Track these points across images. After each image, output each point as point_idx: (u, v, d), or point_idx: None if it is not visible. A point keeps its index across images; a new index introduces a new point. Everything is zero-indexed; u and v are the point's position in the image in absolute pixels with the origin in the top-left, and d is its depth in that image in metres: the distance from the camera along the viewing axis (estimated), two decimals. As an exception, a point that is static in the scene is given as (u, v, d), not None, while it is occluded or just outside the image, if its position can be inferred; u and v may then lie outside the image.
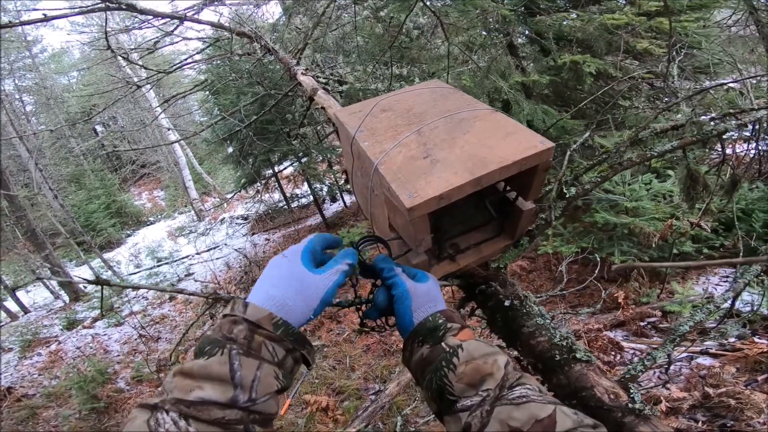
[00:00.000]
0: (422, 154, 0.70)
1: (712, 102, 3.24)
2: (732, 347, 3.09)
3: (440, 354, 0.56)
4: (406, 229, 0.71)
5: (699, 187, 1.13)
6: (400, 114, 0.83)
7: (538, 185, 0.75)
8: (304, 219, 9.85)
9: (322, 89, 1.76)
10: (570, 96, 3.77)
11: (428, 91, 0.90)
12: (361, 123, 0.82)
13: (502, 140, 0.69)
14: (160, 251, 11.05)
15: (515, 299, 0.87)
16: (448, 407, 0.54)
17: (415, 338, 0.60)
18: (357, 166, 0.88)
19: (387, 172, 0.68)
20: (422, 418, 3.29)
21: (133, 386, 4.95)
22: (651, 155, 0.91)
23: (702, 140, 0.98)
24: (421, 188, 0.63)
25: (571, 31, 3.32)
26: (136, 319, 6.85)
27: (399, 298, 0.63)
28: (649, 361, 0.90)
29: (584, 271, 4.41)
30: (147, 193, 18.67)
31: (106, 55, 5.43)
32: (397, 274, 0.65)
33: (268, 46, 2.29)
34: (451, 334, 0.58)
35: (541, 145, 0.67)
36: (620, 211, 3.88)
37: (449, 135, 0.73)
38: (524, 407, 0.48)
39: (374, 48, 3.88)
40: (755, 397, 2.37)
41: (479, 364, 0.53)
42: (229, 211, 12.94)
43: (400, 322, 0.63)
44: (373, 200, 0.82)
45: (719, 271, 4.20)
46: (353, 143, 0.82)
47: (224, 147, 7.63)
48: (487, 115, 0.77)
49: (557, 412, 0.46)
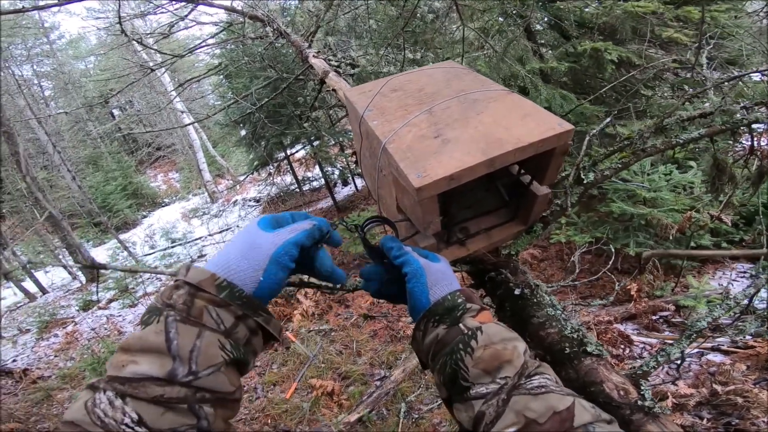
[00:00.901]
0: (433, 133, 0.67)
1: (742, 92, 3.09)
2: (744, 344, 3.03)
3: (457, 336, 0.52)
4: (414, 211, 0.68)
5: (725, 177, 1.08)
6: (411, 94, 0.80)
7: (555, 169, 0.72)
8: (315, 202, 9.88)
9: (333, 72, 1.73)
10: (589, 84, 3.64)
11: (441, 71, 0.87)
12: (371, 102, 0.79)
13: (519, 121, 0.65)
14: (174, 232, 11.23)
15: (526, 288, 0.84)
16: (459, 393, 0.51)
17: (431, 317, 0.56)
18: (365, 146, 0.86)
19: (395, 152, 0.65)
20: (426, 405, 3.31)
21: None
22: (677, 142, 0.86)
23: (731, 129, 0.93)
24: (431, 168, 0.60)
25: (593, 18, 3.18)
26: (150, 300, 6.97)
27: (413, 275, 0.58)
28: (662, 357, 0.87)
29: (597, 262, 4.34)
30: (162, 175, 18.94)
31: (121, 41, 5.43)
32: (408, 252, 0.62)
33: (280, 29, 2.25)
34: (469, 315, 0.55)
35: (559, 127, 0.63)
36: (637, 201, 3.79)
37: (462, 115, 0.70)
38: (542, 398, 0.45)
39: (387, 31, 3.78)
40: (763, 396, 2.34)
41: (498, 349, 0.50)
42: (242, 194, 13.05)
43: (414, 301, 0.58)
44: (381, 181, 0.79)
45: (736, 265, 4.09)
46: (362, 123, 0.79)
47: (237, 130, 7.64)
48: (502, 95, 0.73)
49: (576, 404, 0.44)
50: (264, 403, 3.87)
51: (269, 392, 4.05)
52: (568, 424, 0.43)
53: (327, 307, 5.22)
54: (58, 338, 6.65)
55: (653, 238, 3.80)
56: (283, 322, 5.13)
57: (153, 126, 16.30)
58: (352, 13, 3.93)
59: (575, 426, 0.42)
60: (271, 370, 4.39)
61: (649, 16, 2.90)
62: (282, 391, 3.98)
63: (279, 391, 4.01)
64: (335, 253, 6.21)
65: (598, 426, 0.43)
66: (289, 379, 4.12)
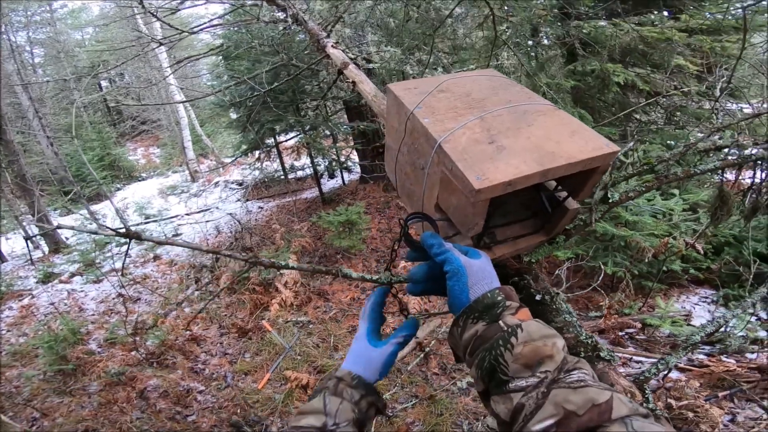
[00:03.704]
0: (487, 139, 0.70)
1: (751, 127, 3.26)
2: (699, 363, 3.22)
3: (497, 332, 0.55)
4: (462, 211, 0.71)
5: (726, 208, 1.15)
6: (458, 97, 0.83)
7: (591, 186, 0.76)
8: (301, 191, 9.77)
9: (353, 64, 1.74)
10: (589, 103, 3.77)
11: (486, 78, 0.90)
12: (422, 100, 0.81)
13: (569, 137, 0.69)
14: (149, 208, 10.88)
15: (546, 294, 0.89)
16: (498, 386, 0.53)
17: (470, 314, 0.58)
18: (406, 142, 0.88)
19: (452, 152, 0.68)
20: (401, 404, 3.34)
21: (105, 349, 4.70)
22: (694, 172, 0.93)
23: (740, 164, 1.00)
24: (489, 171, 0.63)
25: (606, 39, 3.29)
26: (116, 277, 6.54)
27: (454, 273, 0.61)
28: (662, 365, 0.94)
29: (574, 277, 4.49)
30: (143, 149, 18.33)
31: (125, 13, 5.28)
32: (449, 249, 0.64)
33: (297, 15, 2.24)
34: (509, 312, 0.57)
35: (607, 147, 0.67)
36: (619, 223, 3.95)
37: (514, 125, 0.73)
38: (582, 391, 0.48)
39: (414, 31, 3.79)
40: (713, 412, 2.47)
41: (539, 345, 0.52)
42: (225, 176, 12.79)
43: (454, 298, 0.61)
44: (423, 179, 0.82)
45: (699, 291, 4.34)
46: (410, 119, 0.81)
47: (229, 112, 7.47)
48: (550, 110, 0.77)
49: (614, 398, 0.46)
50: (233, 392, 3.77)
51: (240, 381, 3.96)
52: (606, 416, 0.45)
53: (306, 299, 5.18)
54: (13, 311, 6.21)
55: (629, 259, 3.97)
56: (259, 311, 5.05)
57: (141, 100, 15.82)
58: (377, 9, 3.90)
59: (613, 418, 0.45)
60: (243, 359, 4.28)
61: (664, 43, 3.02)
62: (254, 381, 3.89)
63: (251, 380, 3.91)
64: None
65: (635, 419, 0.44)
66: (262, 369, 4.02)
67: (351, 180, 9.53)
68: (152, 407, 3.68)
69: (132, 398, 3.80)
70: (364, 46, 4.15)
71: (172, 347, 4.53)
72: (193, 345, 4.64)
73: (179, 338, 4.68)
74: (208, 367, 4.27)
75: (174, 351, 4.49)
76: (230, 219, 8.14)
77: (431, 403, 3.30)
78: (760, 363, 2.96)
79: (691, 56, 3.43)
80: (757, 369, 2.95)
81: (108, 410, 3.67)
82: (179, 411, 3.66)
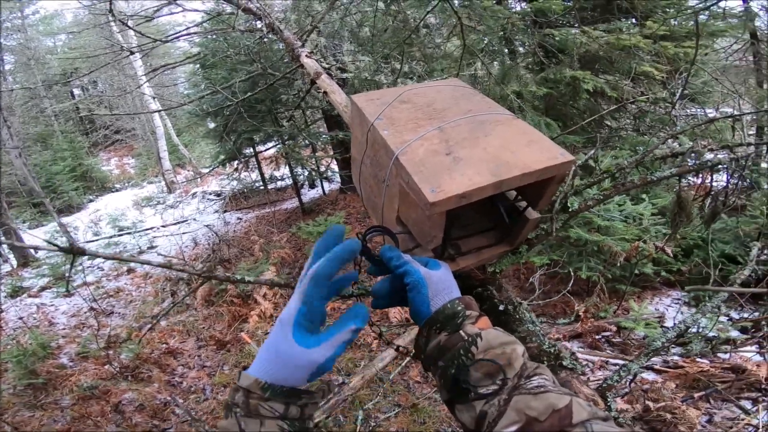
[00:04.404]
0: (445, 150, 0.70)
1: (707, 133, 3.40)
2: (674, 364, 3.29)
3: (458, 342, 0.55)
4: (420, 224, 0.71)
5: (684, 214, 1.18)
6: (420, 107, 0.83)
7: (549, 196, 0.77)
8: (281, 202, 9.68)
9: (326, 74, 1.73)
10: (561, 110, 3.87)
11: (449, 88, 0.90)
12: (382, 111, 0.80)
13: (525, 147, 0.70)
14: (123, 220, 10.57)
15: (509, 304, 0.89)
16: (462, 396, 0.53)
17: (433, 325, 0.59)
18: (368, 154, 0.87)
19: (408, 164, 0.67)
20: (383, 413, 3.32)
21: (77, 363, 4.61)
22: (651, 179, 0.95)
23: (697, 170, 1.02)
24: (445, 184, 0.63)
25: (577, 47, 3.39)
26: (88, 291, 6.39)
27: (414, 286, 0.61)
28: (624, 372, 0.95)
29: (550, 282, 4.57)
30: (117, 159, 17.86)
31: (99, 20, 5.13)
32: (408, 261, 0.64)
33: (273, 24, 2.23)
34: (469, 321, 0.58)
35: (562, 157, 0.68)
36: (592, 228, 4.04)
37: (471, 135, 0.73)
38: (542, 397, 0.48)
39: (388, 40, 3.82)
40: (690, 413, 2.52)
41: (498, 353, 0.53)
42: (203, 186, 12.56)
43: (416, 310, 0.61)
44: (383, 191, 0.81)
45: (671, 293, 4.47)
46: (370, 130, 0.80)
47: (206, 122, 7.36)
48: (508, 120, 0.77)
49: (573, 403, 0.47)
50: (213, 404, 3.72)
51: (219, 394, 3.90)
52: (567, 421, 0.45)
53: (286, 310, 5.10)
54: (-22, 327, 5.99)
55: (603, 263, 4.06)
56: (238, 323, 4.96)
57: (115, 109, 15.44)
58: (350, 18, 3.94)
59: (573, 423, 0.45)
60: (222, 372, 4.22)
61: (630, 50, 3.13)
62: None
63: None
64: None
65: (595, 423, 0.45)
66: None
67: (331, 190, 9.50)
68: (128, 421, 3.63)
69: (107, 412, 3.74)
70: (339, 55, 4.18)
71: (148, 360, 4.46)
72: (170, 358, 4.58)
73: (155, 351, 4.62)
74: (185, 379, 4.23)
75: (149, 364, 4.42)
76: (208, 231, 7.99)
77: (414, 411, 3.29)
78: (734, 363, 3.03)
79: (656, 63, 3.57)
80: (731, 369, 3.01)
81: (82, 424, 3.60)
82: (156, 424, 3.61)
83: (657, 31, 3.15)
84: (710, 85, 4.43)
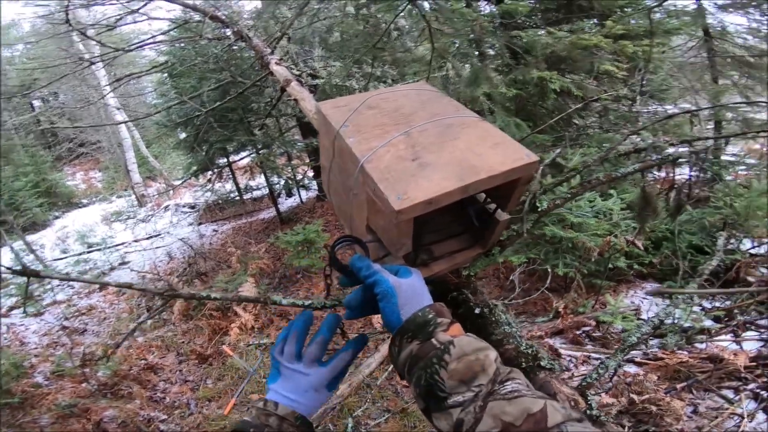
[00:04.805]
0: (411, 155, 0.69)
1: (667, 128, 3.52)
2: (654, 356, 3.36)
3: (431, 351, 0.55)
4: (388, 232, 0.69)
5: (650, 208, 1.20)
6: (387, 113, 0.82)
7: (517, 197, 0.77)
8: (257, 212, 9.51)
9: (296, 81, 1.71)
10: (532, 111, 3.95)
11: (415, 92, 0.90)
12: (347, 118, 0.79)
13: (491, 149, 0.69)
14: (92, 236, 10.17)
15: (485, 307, 0.88)
16: (437, 403, 0.53)
17: (404, 334, 0.58)
18: (336, 162, 0.85)
19: (374, 171, 0.66)
20: (373, 420, 3.28)
21: (53, 381, 4.48)
22: (616, 176, 0.97)
23: (659, 165, 1.05)
24: (411, 191, 0.62)
25: (543, 48, 3.47)
26: (59, 309, 6.24)
27: (384, 295, 0.61)
28: (602, 369, 0.96)
29: (529, 280, 4.63)
30: (83, 173, 17.17)
31: (58, 30, 4.91)
32: (378, 271, 0.63)
33: (241, 32, 2.19)
34: (441, 329, 0.58)
35: (527, 158, 0.68)
36: (566, 225, 4.12)
37: (438, 139, 0.72)
38: (516, 402, 0.48)
39: (357, 45, 3.81)
40: (674, 404, 2.55)
41: (471, 360, 0.53)
42: (175, 199, 12.22)
43: (387, 319, 0.61)
44: (352, 199, 0.80)
45: (645, 285, 4.61)
46: (336, 138, 0.79)
47: (177, 132, 7.18)
48: (475, 122, 0.77)
49: (548, 406, 0.47)
50: (198, 419, 3.65)
51: (204, 408, 3.82)
52: (543, 425, 0.46)
53: (268, 321, 5.02)
54: (-54, 349, 5.70)
55: (578, 259, 4.14)
56: (219, 336, 4.87)
57: (78, 120, 14.85)
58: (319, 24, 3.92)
59: (549, 426, 0.45)
60: (206, 386, 4.14)
61: (592, 49, 3.23)
62: (219, 407, 3.76)
63: (215, 407, 3.78)
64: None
65: (570, 425, 0.46)
66: (227, 395, 3.89)
67: (309, 198, 9.40)
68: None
69: (88, 430, 3.64)
70: (310, 61, 4.15)
71: (127, 377, 4.36)
72: (150, 374, 4.50)
73: (133, 368, 4.52)
74: (168, 395, 4.15)
75: (129, 381, 4.33)
76: (183, 244, 7.77)
77: (404, 416, 3.28)
78: (711, 353, 3.10)
79: (617, 61, 3.69)
80: (709, 359, 3.06)
81: (65, 442, 3.46)
82: (142, 441, 3.48)
83: (616, 31, 3.27)
84: (669, 82, 4.62)
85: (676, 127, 3.43)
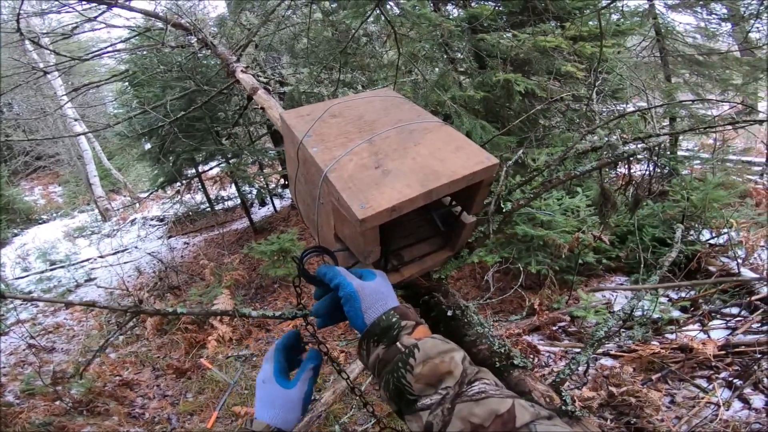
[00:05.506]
0: (374, 163, 0.69)
1: (624, 127, 3.67)
2: (628, 348, 3.46)
3: (396, 355, 0.55)
4: (354, 240, 0.69)
5: (609, 204, 1.25)
6: (351, 121, 0.82)
7: (481, 199, 0.78)
8: (230, 223, 9.30)
9: (263, 89, 1.68)
10: (500, 113, 4.03)
11: (379, 99, 0.90)
12: (310, 128, 0.78)
13: (453, 154, 0.70)
14: (54, 253, 9.69)
15: (457, 309, 0.89)
16: (408, 406, 0.53)
17: (370, 338, 0.58)
18: (302, 172, 0.85)
19: (337, 181, 0.66)
20: (360, 426, 3.25)
21: (24, 400, 4.29)
22: (574, 174, 1.00)
23: (615, 162, 1.09)
24: (374, 199, 0.62)
25: (507, 50, 3.56)
26: (23, 329, 5.92)
27: (347, 299, 0.60)
28: (574, 365, 0.98)
29: (504, 279, 4.72)
30: (41, 188, 16.33)
31: (11, 39, 4.65)
32: (342, 275, 0.63)
33: (206, 39, 2.14)
34: (405, 332, 0.57)
35: (487, 161, 0.69)
36: (536, 224, 4.23)
37: (400, 145, 0.73)
38: (484, 403, 0.48)
39: (323, 51, 3.79)
40: (652, 395, 2.58)
41: (436, 363, 0.53)
42: (142, 212, 11.79)
43: (352, 323, 0.61)
44: (319, 209, 0.79)
45: (615, 279, 4.78)
46: (300, 148, 0.78)
47: (141, 143, 6.93)
48: (437, 127, 0.78)
49: (516, 405, 0.47)
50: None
51: (186, 422, 3.69)
52: (511, 425, 0.45)
53: (246, 332, 4.90)
54: None
55: (549, 256, 4.26)
56: (195, 350, 4.73)
57: (34, 132, 14.10)
58: (287, 31, 3.86)
59: (518, 426, 0.45)
60: (186, 400, 4.00)
61: (552, 52, 3.33)
62: (201, 420, 3.65)
63: (198, 420, 3.67)
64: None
65: (539, 424, 0.45)
66: (209, 408, 3.78)
67: (283, 206, 9.27)
68: (91, 455, 3.32)
69: None
70: (279, 68, 4.11)
71: (102, 394, 4.18)
72: (126, 390, 4.33)
73: (108, 384, 4.35)
74: (147, 411, 4.01)
75: (104, 397, 4.14)
76: (152, 258, 7.50)
77: (391, 420, 3.25)
78: (681, 343, 3.19)
79: (577, 62, 3.83)
80: (679, 349, 3.11)
81: (42, 461, 3.28)
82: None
83: (573, 32, 3.40)
84: (625, 81, 4.84)
85: (629, 125, 3.59)
